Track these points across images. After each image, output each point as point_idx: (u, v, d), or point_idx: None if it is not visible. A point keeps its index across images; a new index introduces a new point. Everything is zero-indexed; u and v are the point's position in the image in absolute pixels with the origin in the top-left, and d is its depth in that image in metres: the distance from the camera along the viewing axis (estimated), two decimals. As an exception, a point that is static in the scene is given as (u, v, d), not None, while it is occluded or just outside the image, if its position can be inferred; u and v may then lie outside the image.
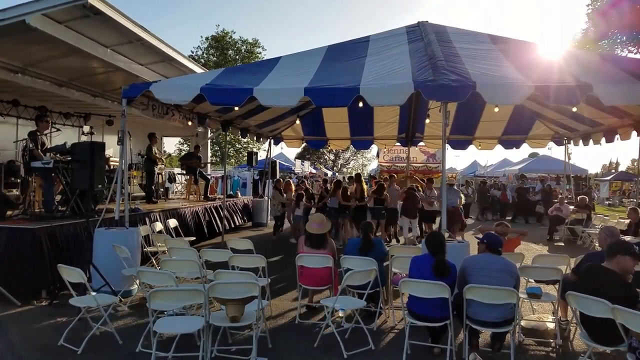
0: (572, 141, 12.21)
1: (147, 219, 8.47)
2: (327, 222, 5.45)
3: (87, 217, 5.74)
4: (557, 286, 5.19)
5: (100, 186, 5.74)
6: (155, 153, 10.68)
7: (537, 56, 7.51)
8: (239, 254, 5.26)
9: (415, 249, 5.87)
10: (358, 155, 55.96)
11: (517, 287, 4.14)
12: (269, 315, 5.42)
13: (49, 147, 7.32)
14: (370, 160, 55.12)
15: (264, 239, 11.83)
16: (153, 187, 10.74)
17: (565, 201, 12.89)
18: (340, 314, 5.27)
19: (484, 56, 7.13)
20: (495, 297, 3.92)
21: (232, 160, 38.02)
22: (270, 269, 7.24)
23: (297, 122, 12.63)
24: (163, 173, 12.55)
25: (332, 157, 55.41)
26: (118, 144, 6.15)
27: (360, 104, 6.77)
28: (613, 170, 43.12)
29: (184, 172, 12.85)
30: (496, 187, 19.06)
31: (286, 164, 24.21)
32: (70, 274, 4.25)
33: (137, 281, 5.76)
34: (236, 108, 6.81)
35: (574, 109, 7.80)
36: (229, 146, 39.41)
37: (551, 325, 5.25)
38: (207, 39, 37.64)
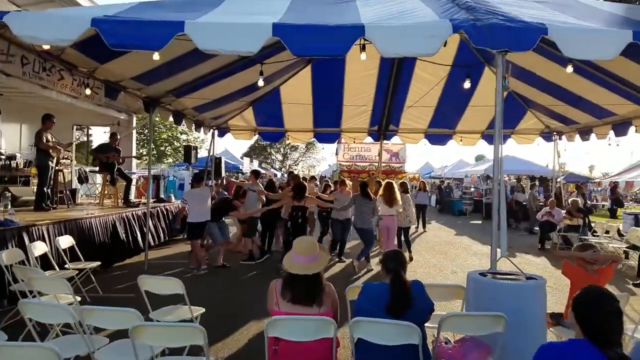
0: (564, 136, 10.59)
1: (24, 237, 5.68)
2: (322, 253, 3.02)
3: None
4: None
5: None
6: (48, 141, 7.72)
7: (591, 7, 5.51)
8: (150, 324, 2.71)
9: (457, 289, 3.59)
10: (306, 156, 53.87)
11: None
12: None
13: None
14: (319, 161, 53.32)
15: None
16: (46, 188, 7.80)
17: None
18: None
19: (524, 5, 5.03)
20: None
21: (170, 160, 34.43)
22: (220, 328, 4.74)
23: (261, 93, 10.12)
24: (66, 171, 9.56)
25: (279, 157, 52.87)
26: None
27: (363, 57, 4.44)
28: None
29: (97, 169, 9.91)
30: (519, 189, 16.97)
31: (232, 162, 21.36)
32: None
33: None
34: (156, 56, 4.21)
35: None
36: (166, 144, 35.68)
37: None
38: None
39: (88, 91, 5.63)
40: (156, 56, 4.21)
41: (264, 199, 8.75)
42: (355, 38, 3.60)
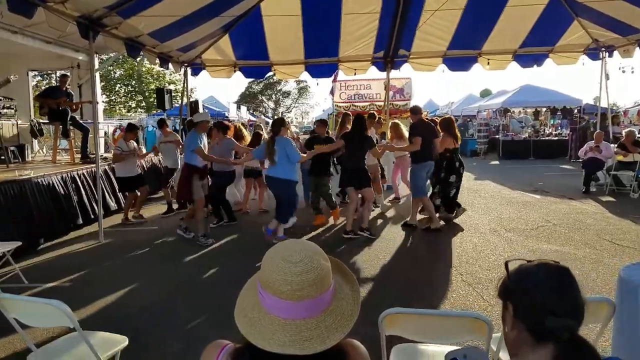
0: (615, 52, 8.63)
1: None
2: (342, 279, 1.12)
3: None
4: None
5: None
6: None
7: None
8: None
9: (599, 306, 1.88)
10: (299, 102, 51.51)
11: None
12: None
13: None
14: (312, 107, 50.98)
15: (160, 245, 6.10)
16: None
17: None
18: None
19: None
20: None
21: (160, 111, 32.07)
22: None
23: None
24: (9, 123, 7.73)
25: (271, 104, 50.46)
26: None
27: None
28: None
29: (46, 117, 8.08)
30: (615, 122, 12.73)
31: (217, 109, 19.29)
32: None
33: None
34: None
35: None
36: (149, 92, 33.05)
37: None
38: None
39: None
40: None
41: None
42: None
